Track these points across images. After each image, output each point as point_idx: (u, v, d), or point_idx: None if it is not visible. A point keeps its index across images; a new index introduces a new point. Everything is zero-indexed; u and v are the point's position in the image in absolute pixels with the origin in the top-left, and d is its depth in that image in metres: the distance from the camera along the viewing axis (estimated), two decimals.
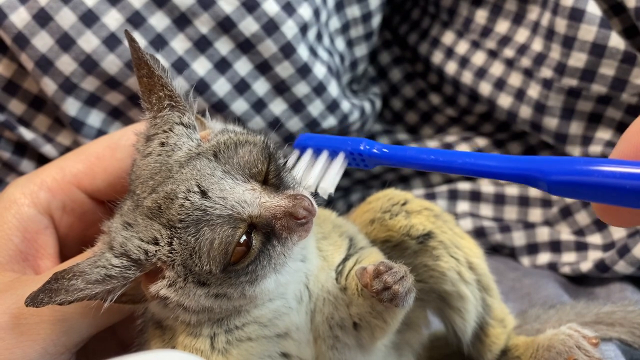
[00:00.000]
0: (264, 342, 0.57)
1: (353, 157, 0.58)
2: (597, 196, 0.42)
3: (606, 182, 0.41)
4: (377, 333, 0.59)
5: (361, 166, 0.58)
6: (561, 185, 0.43)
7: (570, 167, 0.43)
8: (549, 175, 0.44)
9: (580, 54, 0.90)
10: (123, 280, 0.50)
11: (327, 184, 0.57)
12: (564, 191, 0.44)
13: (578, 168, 0.42)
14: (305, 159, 0.59)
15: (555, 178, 0.44)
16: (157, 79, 0.56)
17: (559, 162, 0.44)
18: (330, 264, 0.60)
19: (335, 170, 0.58)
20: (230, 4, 0.88)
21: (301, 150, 0.60)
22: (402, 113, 1.22)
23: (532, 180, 0.46)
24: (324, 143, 0.59)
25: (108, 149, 0.66)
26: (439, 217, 0.66)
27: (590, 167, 0.42)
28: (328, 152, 0.59)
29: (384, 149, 0.56)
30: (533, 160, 0.47)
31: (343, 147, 0.58)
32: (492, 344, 0.68)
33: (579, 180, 0.42)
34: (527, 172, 0.47)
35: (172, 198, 0.50)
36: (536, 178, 0.46)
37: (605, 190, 0.41)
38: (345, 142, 0.58)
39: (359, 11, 1.04)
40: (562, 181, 0.43)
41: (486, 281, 0.68)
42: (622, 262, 0.88)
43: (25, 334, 0.55)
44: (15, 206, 0.63)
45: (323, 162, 0.58)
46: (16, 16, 0.84)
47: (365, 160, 0.57)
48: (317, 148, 0.59)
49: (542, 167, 0.45)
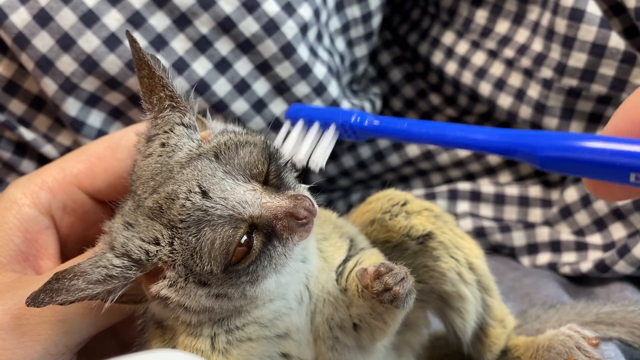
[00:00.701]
0: (264, 342, 0.57)
1: (345, 129, 0.57)
2: (588, 172, 0.42)
3: (596, 159, 0.41)
4: (377, 334, 0.59)
5: (352, 138, 0.58)
6: (552, 161, 0.44)
7: (561, 143, 0.43)
8: (540, 150, 0.44)
9: (580, 54, 0.90)
10: (124, 280, 0.50)
11: (318, 158, 0.57)
12: (554, 167, 0.44)
13: (569, 144, 0.43)
14: (296, 131, 0.59)
15: (546, 153, 0.44)
16: (158, 79, 0.56)
17: (551, 137, 0.44)
18: (330, 265, 0.60)
19: (327, 142, 0.58)
20: (230, 4, 0.88)
21: (292, 121, 0.60)
22: (402, 113, 1.22)
23: (522, 154, 0.46)
24: (316, 114, 0.59)
25: (109, 149, 0.66)
26: (439, 218, 0.66)
27: (581, 143, 0.42)
28: (319, 124, 0.58)
29: (375, 120, 0.56)
30: (524, 135, 0.46)
31: (334, 118, 0.57)
32: (492, 344, 0.69)
33: (569, 156, 0.42)
34: (518, 146, 0.46)
35: (173, 198, 0.50)
36: (527, 153, 0.46)
37: (595, 167, 0.41)
38: (336, 113, 0.58)
39: (359, 11, 1.04)
40: (552, 157, 0.43)
41: (486, 281, 0.68)
42: (622, 262, 0.88)
43: (27, 335, 0.55)
44: (16, 206, 0.63)
45: (314, 134, 0.58)
46: (16, 16, 0.84)
47: (357, 133, 0.57)
48: (308, 119, 0.59)
49: (533, 142, 0.45)
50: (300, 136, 0.59)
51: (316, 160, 0.57)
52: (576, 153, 0.42)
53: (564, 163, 0.43)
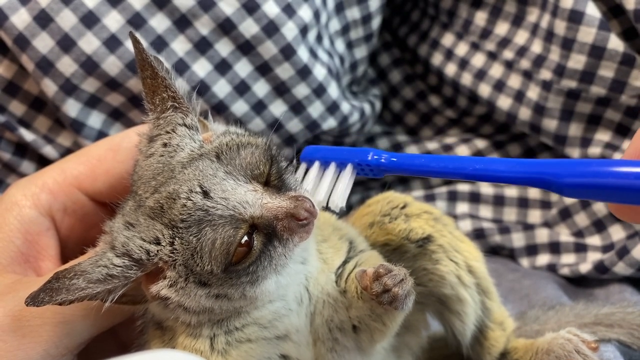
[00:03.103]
0: (263, 343, 0.57)
1: (361, 167, 0.57)
2: (612, 197, 0.42)
3: (620, 183, 0.41)
4: (376, 336, 0.59)
5: (370, 175, 0.57)
6: (575, 188, 0.43)
7: (583, 170, 0.43)
8: (563, 178, 0.44)
9: (579, 56, 0.90)
10: (124, 279, 0.50)
11: (337, 198, 0.56)
12: (578, 193, 0.44)
13: (592, 170, 0.42)
14: (313, 173, 0.58)
15: (569, 181, 0.44)
16: (161, 80, 0.57)
17: (572, 165, 0.44)
18: (330, 267, 0.60)
19: (345, 182, 0.57)
20: (230, 5, 0.88)
21: (308, 164, 0.59)
22: (402, 114, 1.22)
23: (545, 183, 0.46)
24: (331, 155, 0.58)
25: (109, 151, 0.66)
26: (438, 221, 0.66)
27: (604, 168, 0.42)
28: (336, 164, 0.58)
29: (392, 158, 0.55)
30: (545, 164, 0.46)
31: (351, 158, 0.57)
32: (492, 347, 0.68)
33: (593, 183, 0.42)
34: (539, 175, 0.46)
35: (174, 198, 0.51)
36: (549, 181, 0.45)
37: (620, 191, 0.41)
38: (352, 153, 0.57)
39: (358, 13, 1.04)
40: (576, 184, 0.43)
41: (485, 284, 0.68)
42: (621, 263, 0.88)
43: (27, 336, 0.55)
44: (16, 208, 0.63)
45: (331, 174, 0.58)
46: (17, 17, 0.84)
47: (374, 170, 0.57)
48: (324, 160, 0.58)
49: (555, 171, 0.45)
50: (317, 177, 0.58)
51: (336, 200, 0.56)
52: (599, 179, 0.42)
53: (588, 189, 0.42)
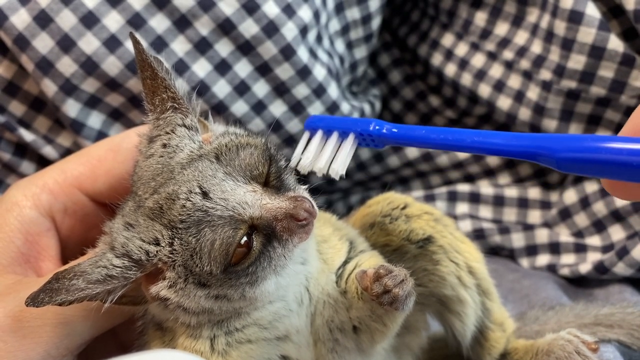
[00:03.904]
0: (263, 344, 0.57)
1: (363, 137, 0.58)
2: (606, 173, 0.43)
3: (615, 159, 0.41)
4: (376, 336, 0.59)
5: (371, 146, 0.58)
6: (570, 162, 0.44)
7: (578, 145, 0.43)
8: (558, 152, 0.45)
9: (579, 56, 0.90)
10: (124, 280, 0.50)
11: (338, 165, 0.57)
12: (572, 168, 0.44)
13: (586, 145, 0.43)
14: (315, 141, 0.59)
15: (563, 155, 0.44)
16: (161, 80, 0.57)
17: (568, 140, 0.45)
18: (330, 267, 0.60)
19: (346, 151, 0.58)
20: (230, 5, 0.88)
21: (311, 132, 0.60)
22: (402, 115, 1.22)
23: (539, 157, 0.46)
24: (334, 124, 0.59)
25: (110, 151, 0.66)
26: (438, 221, 0.66)
27: (598, 144, 0.42)
28: (338, 133, 0.59)
29: (394, 129, 0.56)
30: (541, 138, 0.47)
31: (353, 128, 0.58)
32: (492, 348, 0.69)
33: (587, 158, 0.43)
34: (535, 149, 0.47)
35: (173, 199, 0.51)
36: (544, 155, 0.46)
37: (613, 167, 0.42)
38: (355, 122, 0.58)
39: (358, 13, 1.04)
40: (570, 158, 0.44)
41: (486, 285, 0.68)
42: (621, 263, 0.88)
43: (28, 337, 0.55)
44: (17, 208, 0.63)
45: (333, 143, 0.58)
46: (17, 18, 0.84)
47: (375, 141, 0.57)
48: (327, 129, 0.59)
49: (551, 145, 0.45)
50: (319, 145, 0.59)
51: (336, 167, 0.57)
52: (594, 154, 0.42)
53: (582, 164, 0.43)
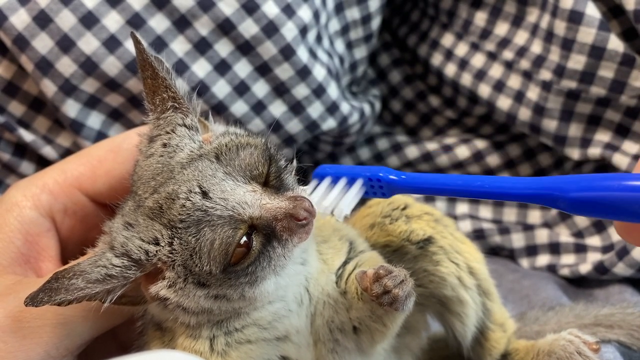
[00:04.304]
0: (263, 344, 0.57)
1: (371, 184, 0.58)
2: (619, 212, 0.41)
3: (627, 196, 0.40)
4: (376, 337, 0.59)
5: (378, 194, 0.58)
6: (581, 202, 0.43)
7: (589, 183, 0.43)
8: (568, 193, 0.44)
9: (579, 56, 0.90)
10: (123, 280, 0.51)
11: (344, 206, 0.57)
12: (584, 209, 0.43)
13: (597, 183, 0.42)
14: (323, 186, 0.59)
15: (574, 195, 0.43)
16: (161, 80, 0.57)
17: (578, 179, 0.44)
18: (330, 267, 0.60)
19: (353, 193, 0.58)
20: (230, 5, 0.88)
21: (319, 180, 0.60)
22: (402, 115, 1.22)
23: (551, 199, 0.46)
24: (342, 171, 0.59)
25: (110, 152, 0.66)
26: (439, 222, 0.66)
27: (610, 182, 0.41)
28: (346, 180, 0.59)
29: (402, 175, 0.57)
30: (550, 180, 0.46)
31: (361, 173, 0.58)
32: (493, 348, 0.68)
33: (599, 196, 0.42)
34: (545, 191, 0.46)
35: (173, 198, 0.51)
36: (555, 197, 0.45)
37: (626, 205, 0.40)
38: (363, 169, 0.59)
39: (358, 13, 1.04)
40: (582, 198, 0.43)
41: (486, 286, 0.67)
42: (621, 264, 0.88)
43: (28, 337, 0.55)
44: (17, 209, 0.63)
45: (341, 187, 0.59)
46: (16, 18, 0.84)
47: (383, 188, 0.57)
48: (335, 176, 0.59)
49: (561, 186, 0.45)
50: (327, 190, 0.59)
51: (342, 207, 0.56)
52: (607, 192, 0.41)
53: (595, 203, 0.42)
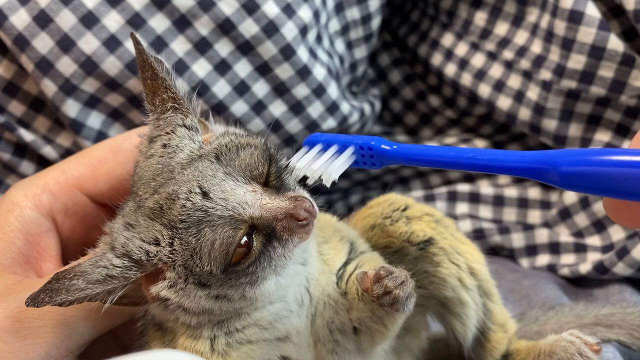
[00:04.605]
0: (264, 345, 0.57)
1: (362, 153, 0.57)
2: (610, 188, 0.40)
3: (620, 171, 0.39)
4: (377, 338, 0.59)
5: (368, 164, 0.57)
6: (573, 177, 0.42)
7: (582, 157, 0.42)
8: (560, 166, 0.43)
9: (579, 56, 0.90)
10: (124, 280, 0.51)
11: (332, 171, 0.56)
12: (576, 183, 0.42)
13: (590, 158, 0.41)
14: (313, 151, 0.59)
15: (566, 169, 0.42)
16: (161, 81, 0.57)
17: (570, 153, 0.43)
18: (331, 268, 0.60)
19: (342, 160, 0.57)
20: (230, 5, 0.88)
21: (310, 147, 0.60)
22: (402, 115, 1.22)
23: (543, 173, 0.45)
24: (334, 139, 0.59)
25: (111, 152, 0.66)
26: (439, 223, 0.66)
27: (603, 156, 0.40)
28: (337, 147, 0.58)
29: (394, 145, 0.56)
30: (543, 154, 0.45)
31: (353, 141, 0.57)
32: (493, 349, 0.68)
33: (591, 171, 0.41)
34: (537, 164, 0.45)
35: (173, 199, 0.51)
36: (547, 170, 0.44)
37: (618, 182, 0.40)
38: (355, 137, 0.58)
39: (358, 13, 1.04)
40: (574, 172, 0.42)
41: (487, 286, 0.67)
42: (621, 263, 0.88)
43: (29, 338, 0.55)
44: (17, 209, 0.63)
45: (331, 154, 0.58)
46: (16, 18, 0.84)
47: (374, 157, 0.56)
48: (326, 144, 0.59)
49: (553, 159, 0.44)
50: (317, 156, 0.58)
51: (330, 171, 0.55)
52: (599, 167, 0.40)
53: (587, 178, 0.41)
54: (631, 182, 0.39)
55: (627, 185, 0.39)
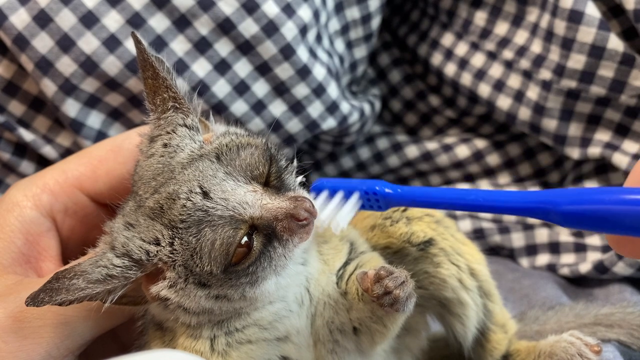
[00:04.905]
0: (263, 345, 0.57)
1: (367, 197, 0.58)
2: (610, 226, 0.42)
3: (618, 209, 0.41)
4: (377, 338, 0.59)
5: (375, 207, 0.59)
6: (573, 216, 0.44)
7: (581, 197, 0.43)
8: (560, 205, 0.44)
9: (579, 56, 0.90)
10: (124, 280, 0.51)
11: (340, 219, 0.57)
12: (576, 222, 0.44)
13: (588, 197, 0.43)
14: (320, 199, 0.59)
15: (567, 208, 0.44)
16: (162, 80, 0.57)
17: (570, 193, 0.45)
18: (331, 268, 0.60)
19: (350, 206, 0.58)
20: (230, 5, 0.88)
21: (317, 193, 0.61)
22: (402, 114, 1.22)
23: (544, 213, 0.46)
24: (339, 184, 0.60)
25: (111, 152, 0.66)
26: (440, 224, 0.66)
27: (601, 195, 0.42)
28: (343, 193, 0.59)
29: (398, 189, 0.57)
30: (543, 194, 0.47)
31: (357, 187, 0.59)
32: (494, 349, 0.68)
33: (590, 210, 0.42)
34: (538, 205, 0.47)
35: (174, 199, 0.51)
36: (548, 210, 0.46)
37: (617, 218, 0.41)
38: (360, 183, 0.59)
39: (358, 13, 1.04)
40: (573, 211, 0.43)
41: (487, 287, 0.67)
42: (621, 263, 0.88)
43: (29, 338, 0.55)
44: (17, 208, 0.63)
45: (338, 200, 0.59)
46: (16, 17, 0.84)
47: (380, 201, 0.58)
48: (332, 190, 0.60)
49: (553, 199, 0.45)
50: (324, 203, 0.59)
51: (338, 220, 0.57)
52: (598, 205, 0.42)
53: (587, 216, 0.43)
54: (630, 219, 0.40)
55: (627, 222, 0.41)
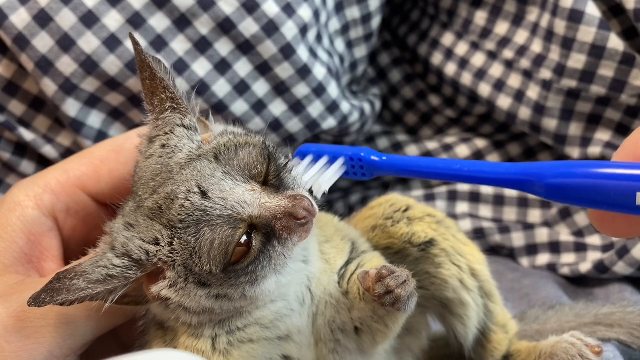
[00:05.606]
0: (265, 344, 0.57)
1: (352, 164, 0.58)
2: (594, 200, 0.41)
3: (603, 184, 0.40)
4: (378, 337, 0.59)
5: (359, 175, 0.59)
6: (558, 189, 0.43)
7: (566, 170, 0.43)
8: (545, 178, 0.44)
9: (579, 56, 0.90)
10: (124, 280, 0.51)
11: (322, 182, 0.57)
12: (560, 195, 0.43)
13: (574, 170, 0.42)
14: (304, 163, 0.59)
15: (551, 181, 0.43)
16: (160, 81, 0.57)
17: (555, 166, 0.44)
18: (332, 267, 0.60)
19: (333, 171, 0.58)
20: (230, 5, 0.88)
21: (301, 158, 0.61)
22: (402, 114, 1.22)
23: (528, 185, 0.46)
24: (324, 150, 0.59)
25: (112, 152, 0.66)
26: (441, 224, 0.66)
27: (586, 169, 0.41)
28: (328, 158, 0.59)
29: (383, 157, 0.57)
30: (528, 166, 0.46)
31: (343, 152, 0.58)
32: (494, 350, 0.68)
33: (575, 183, 0.42)
34: (523, 177, 0.46)
35: (172, 199, 0.51)
36: (532, 182, 0.45)
37: (602, 193, 0.40)
38: (345, 148, 0.59)
39: (358, 12, 1.04)
40: (558, 184, 0.43)
41: (488, 287, 0.67)
42: (621, 263, 0.88)
43: (31, 337, 0.55)
44: (19, 208, 0.63)
45: (322, 165, 0.59)
46: (16, 17, 0.84)
47: (364, 168, 0.58)
48: (317, 155, 0.60)
49: (538, 172, 0.45)
50: (308, 167, 0.59)
51: (320, 183, 0.57)
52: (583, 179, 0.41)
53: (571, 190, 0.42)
54: (615, 195, 0.40)
55: (611, 197, 0.40)
